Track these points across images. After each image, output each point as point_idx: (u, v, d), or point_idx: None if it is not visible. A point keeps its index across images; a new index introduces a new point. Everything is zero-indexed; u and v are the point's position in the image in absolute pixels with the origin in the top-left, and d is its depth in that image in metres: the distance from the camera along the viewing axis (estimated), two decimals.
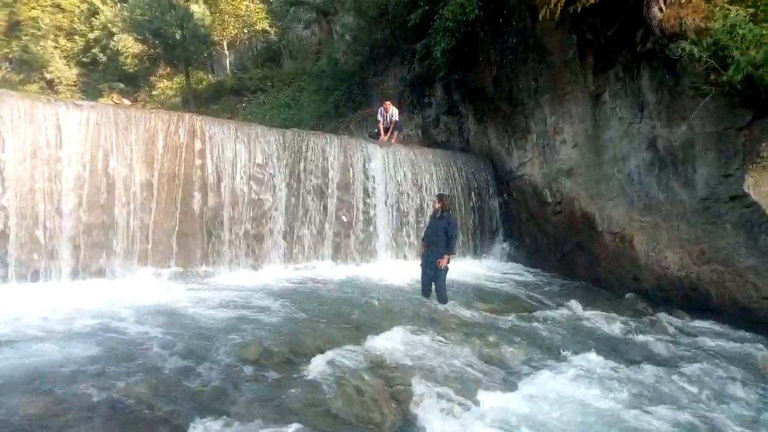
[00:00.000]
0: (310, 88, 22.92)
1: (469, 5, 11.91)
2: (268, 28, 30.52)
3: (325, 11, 24.29)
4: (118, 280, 7.84)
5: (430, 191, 11.53)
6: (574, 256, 11.33)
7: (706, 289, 8.81)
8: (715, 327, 8.06)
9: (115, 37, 34.54)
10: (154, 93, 34.44)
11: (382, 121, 13.28)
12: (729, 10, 7.97)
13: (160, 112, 9.19)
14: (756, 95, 7.62)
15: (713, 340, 7.35)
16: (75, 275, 7.56)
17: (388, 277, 9.71)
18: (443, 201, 8.22)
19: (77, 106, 7.86)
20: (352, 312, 7.27)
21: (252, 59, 32.27)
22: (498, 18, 12.07)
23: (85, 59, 37.81)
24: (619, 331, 7.52)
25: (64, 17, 38.48)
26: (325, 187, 10.32)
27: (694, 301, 8.93)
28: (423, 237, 8.53)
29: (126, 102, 31.24)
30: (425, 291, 8.26)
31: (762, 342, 7.28)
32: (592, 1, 9.00)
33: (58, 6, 38.32)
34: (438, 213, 8.21)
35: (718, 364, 6.23)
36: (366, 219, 10.81)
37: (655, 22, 8.92)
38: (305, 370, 4.91)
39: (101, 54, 36.86)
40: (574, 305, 8.41)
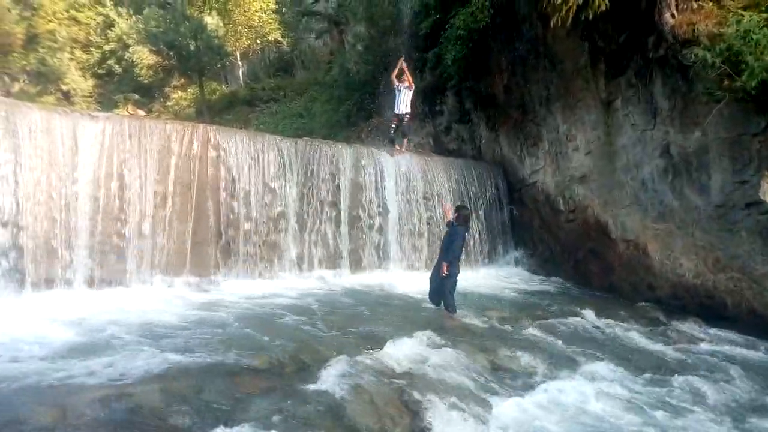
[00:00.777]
0: (322, 98, 23.04)
1: (480, 14, 11.94)
2: (280, 39, 30.78)
3: (337, 21, 24.47)
4: (132, 289, 7.90)
5: (443, 199, 11.51)
6: (587, 263, 11.25)
7: (721, 297, 8.71)
8: (731, 335, 7.94)
9: (130, 49, 35.02)
10: (169, 103, 34.83)
11: (396, 88, 12.39)
12: (742, 15, 7.93)
13: (174, 122, 9.30)
14: None
15: (730, 349, 7.25)
16: (90, 284, 7.63)
17: (400, 286, 9.69)
18: (458, 212, 8.19)
19: (93, 117, 7.97)
20: (364, 321, 7.27)
21: (264, 69, 32.54)
22: (509, 26, 12.09)
23: (100, 71, 38.40)
24: (633, 339, 7.44)
25: (80, 30, 39.15)
26: (337, 196, 10.36)
27: (709, 309, 8.82)
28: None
29: (141, 113, 31.58)
30: (432, 299, 8.24)
31: None
32: (604, 8, 8.99)
33: (75, 19, 39.01)
34: (450, 223, 8.21)
35: (735, 374, 6.14)
36: (378, 228, 10.83)
37: (667, 28, 8.90)
38: (318, 380, 4.91)
39: (116, 65, 37.42)
40: (588, 314, 8.34)
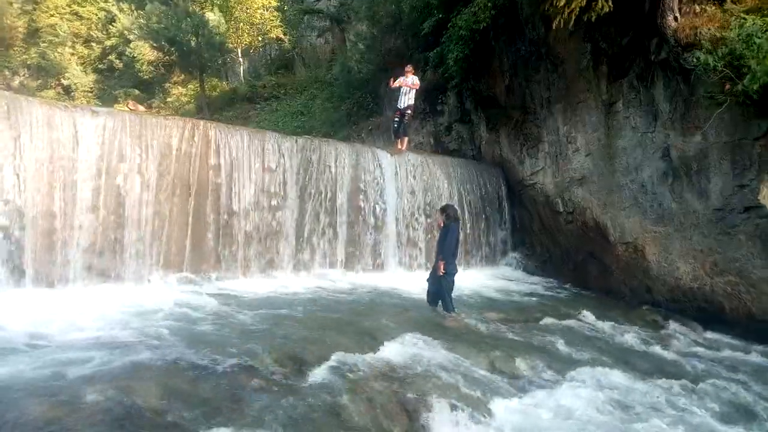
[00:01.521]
0: (323, 96, 23.04)
1: (482, 14, 11.93)
2: (282, 36, 30.75)
3: (339, 20, 24.45)
4: (130, 285, 7.88)
5: (442, 199, 11.51)
6: (586, 265, 11.25)
7: (719, 301, 8.71)
8: (728, 339, 7.97)
9: (131, 44, 35.04)
10: (169, 100, 34.82)
11: (401, 81, 12.55)
12: (745, 19, 7.91)
13: (174, 118, 9.28)
14: None
15: (727, 353, 7.27)
16: (88, 279, 7.62)
17: (398, 286, 9.68)
18: (445, 212, 8.10)
19: (94, 112, 7.96)
20: (361, 320, 7.26)
21: (265, 67, 32.52)
22: (511, 27, 12.08)
23: (101, 66, 38.44)
24: (632, 342, 7.45)
25: (81, 24, 39.19)
26: (336, 195, 10.34)
27: (707, 312, 8.82)
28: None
29: (141, 108, 31.59)
30: (429, 300, 8.22)
31: None
32: (606, 9, 8.99)
33: (76, 14, 39.06)
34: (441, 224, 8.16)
35: (732, 377, 6.16)
36: (376, 227, 10.82)
37: (669, 31, 8.89)
38: (316, 378, 4.91)
39: (117, 61, 37.45)
40: (587, 316, 8.35)
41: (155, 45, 30.67)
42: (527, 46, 11.88)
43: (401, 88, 12.67)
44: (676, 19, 8.90)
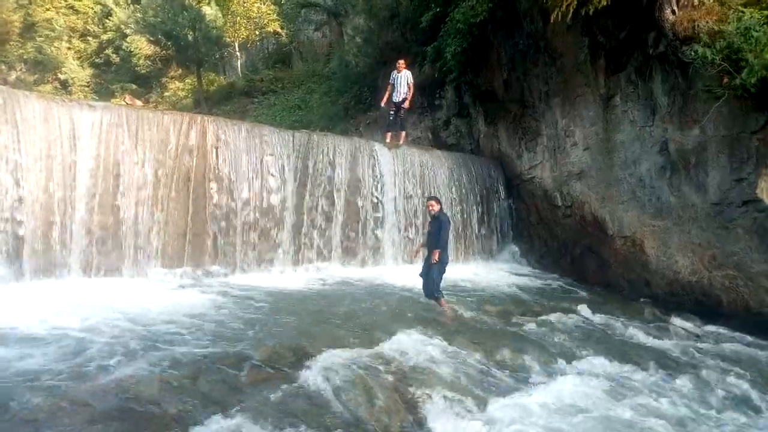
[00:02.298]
0: (320, 90, 22.97)
1: (480, 7, 11.89)
2: (279, 30, 30.64)
3: (336, 13, 24.34)
4: (129, 279, 7.89)
5: (440, 193, 11.50)
6: (584, 259, 11.28)
7: (717, 294, 8.74)
8: (726, 332, 7.97)
9: (127, 39, 34.88)
10: (166, 94, 34.69)
11: (392, 83, 12.59)
12: (743, 12, 7.90)
13: (172, 113, 9.26)
14: None
15: (725, 346, 7.28)
16: (87, 273, 7.62)
17: (395, 279, 9.70)
18: (437, 202, 8.12)
19: (91, 107, 7.93)
20: (360, 314, 7.28)
21: (263, 61, 32.40)
22: (509, 20, 12.04)
23: (98, 60, 38.27)
24: (630, 335, 7.46)
25: (77, 19, 39.02)
26: (334, 189, 10.33)
27: (705, 305, 8.85)
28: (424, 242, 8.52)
29: (138, 103, 31.44)
30: (426, 293, 8.19)
31: None
32: (604, 3, 8.96)
33: (72, 8, 38.87)
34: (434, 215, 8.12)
35: (730, 370, 6.17)
36: (374, 221, 10.82)
37: (667, 24, 8.87)
38: (314, 372, 4.91)
39: (114, 55, 37.28)
40: (585, 310, 8.35)
41: (152, 39, 30.53)
42: (525, 39, 11.86)
43: (395, 83, 12.63)
44: (673, 12, 8.89)
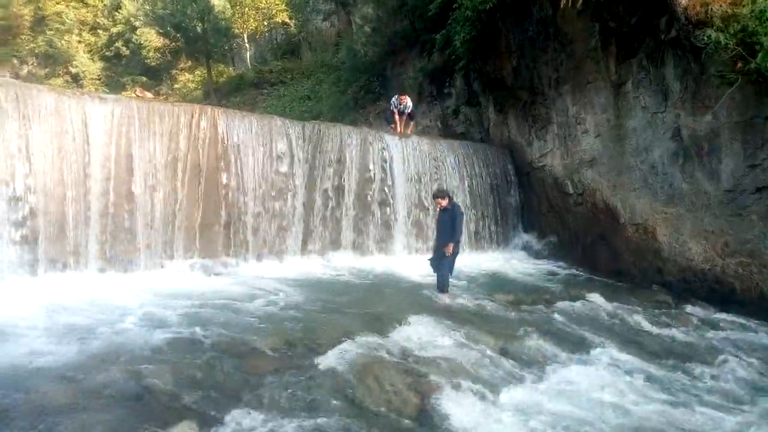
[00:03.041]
0: (330, 80, 22.94)
1: None
2: (287, 21, 30.59)
3: (345, 2, 24.21)
4: (142, 271, 7.98)
5: (450, 182, 11.48)
6: (596, 247, 11.22)
7: (730, 282, 8.67)
8: (740, 320, 7.91)
9: (137, 31, 35.02)
10: (176, 86, 34.84)
11: (396, 111, 12.97)
12: None
13: (182, 105, 9.30)
14: None
15: (738, 333, 7.23)
16: (101, 267, 7.71)
17: (406, 269, 9.73)
18: (446, 197, 8.19)
19: (102, 99, 7.99)
20: (371, 303, 7.32)
21: (272, 52, 32.38)
22: (518, 6, 11.91)
23: (108, 53, 38.45)
24: (642, 324, 7.41)
25: (87, 12, 39.21)
26: (344, 179, 10.35)
27: (718, 293, 8.78)
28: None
29: (148, 95, 31.58)
30: (439, 287, 8.24)
31: None
32: None
33: (82, 1, 39.00)
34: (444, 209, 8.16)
35: (743, 358, 6.13)
36: (384, 211, 10.83)
37: (679, 8, 8.73)
38: (327, 361, 4.96)
39: (124, 48, 37.43)
40: (597, 298, 8.31)
41: (161, 31, 30.64)
42: (535, 26, 11.73)
43: (397, 108, 12.91)
44: None
